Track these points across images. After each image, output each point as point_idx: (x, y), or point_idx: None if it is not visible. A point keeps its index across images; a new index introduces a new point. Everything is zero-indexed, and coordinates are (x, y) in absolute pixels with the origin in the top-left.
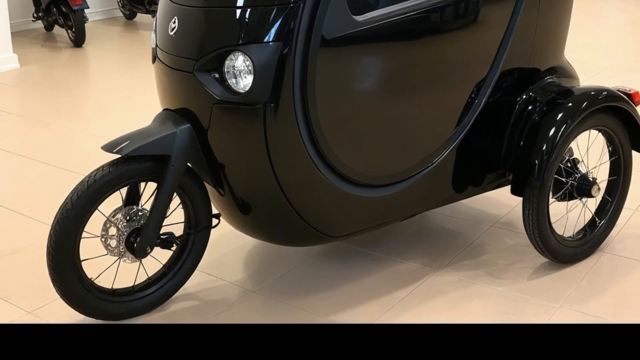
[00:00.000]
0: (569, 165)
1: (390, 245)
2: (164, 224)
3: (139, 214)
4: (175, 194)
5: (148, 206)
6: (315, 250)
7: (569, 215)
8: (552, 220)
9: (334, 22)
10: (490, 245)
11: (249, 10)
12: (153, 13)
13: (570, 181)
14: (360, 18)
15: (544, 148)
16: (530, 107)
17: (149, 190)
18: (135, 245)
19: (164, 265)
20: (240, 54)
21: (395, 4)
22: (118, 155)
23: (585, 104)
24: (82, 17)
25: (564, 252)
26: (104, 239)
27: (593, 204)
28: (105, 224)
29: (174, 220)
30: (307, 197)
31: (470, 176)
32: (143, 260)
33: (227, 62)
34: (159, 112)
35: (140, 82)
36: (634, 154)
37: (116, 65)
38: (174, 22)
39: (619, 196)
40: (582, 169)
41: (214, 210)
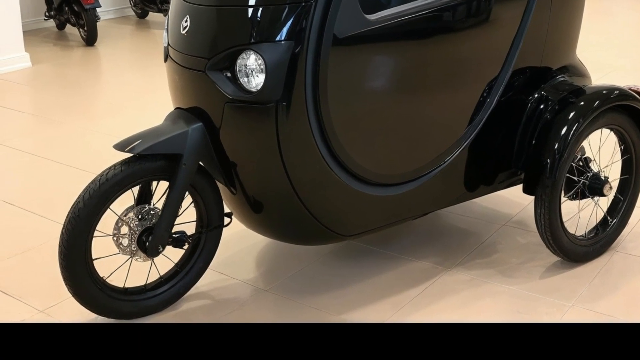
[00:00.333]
0: (580, 164)
1: (402, 244)
2: (175, 223)
3: (151, 212)
4: (187, 192)
5: (160, 205)
6: (327, 249)
7: (580, 214)
8: (564, 219)
9: (345, 21)
10: (502, 244)
11: (261, 9)
12: (165, 12)
13: (582, 180)
14: (372, 17)
15: (556, 147)
16: (542, 106)
17: (161, 189)
18: (147, 244)
19: (176, 264)
20: (252, 52)
21: (407, 2)
22: (130, 154)
23: (597, 102)
24: (94, 16)
25: (575, 251)
26: (115, 238)
27: (605, 202)
28: (117, 223)
29: (186, 219)
30: (319, 196)
31: (482, 175)
32: (155, 259)
33: (239, 61)
34: (171, 111)
35: (152, 81)
36: None
37: (128, 64)
38: (186, 21)
39: (631, 195)
40: (594, 167)
41: (226, 209)
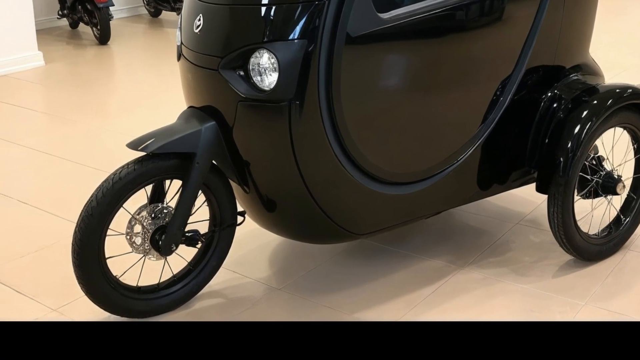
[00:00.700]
0: (594, 162)
1: (415, 243)
2: (189, 222)
3: (164, 211)
4: (200, 191)
5: (173, 204)
6: (341, 247)
7: (594, 213)
8: (577, 217)
9: (359, 20)
10: (515, 243)
11: (274, 7)
12: (178, 11)
13: (595, 179)
14: (385, 15)
15: (569, 145)
16: (555, 105)
17: (174, 187)
18: (160, 242)
19: (189, 263)
20: (265, 51)
21: (420, 1)
22: (143, 153)
23: (610, 101)
24: (107, 15)
25: (589, 250)
26: (129, 237)
27: (618, 201)
28: (130, 222)
29: (199, 218)
30: (333, 195)
31: (495, 174)
32: (168, 257)
33: (252, 60)
34: (184, 110)
35: (165, 80)
36: None
37: (141, 63)
38: (199, 20)
39: None
40: (607, 166)
41: (239, 208)
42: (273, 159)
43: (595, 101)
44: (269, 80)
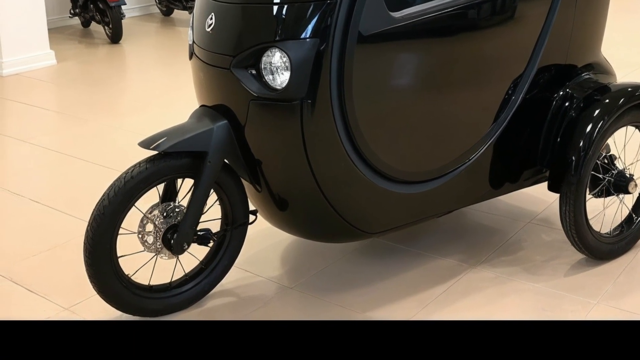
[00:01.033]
0: (605, 161)
1: (427, 242)
2: (201, 221)
3: (176, 210)
4: (212, 190)
5: (185, 203)
6: (352, 246)
7: (605, 212)
8: (589, 216)
9: (370, 19)
10: (527, 242)
11: (286, 6)
12: (190, 9)
13: (607, 177)
14: (397, 14)
15: (581, 144)
16: (567, 104)
17: (186, 186)
18: (172, 241)
19: (201, 262)
20: (277, 50)
21: (432, 0)
22: (155, 152)
23: (622, 100)
24: (119, 14)
25: (600, 249)
26: (140, 236)
27: (630, 200)
28: (142, 221)
29: (211, 217)
30: (344, 194)
31: (507, 172)
32: (180, 256)
33: (264, 59)
34: (196, 109)
35: (177, 79)
36: None
37: (153, 62)
38: (211, 19)
39: None
40: (619, 165)
41: (251, 207)
42: (285, 158)
43: (607, 100)
44: (281, 79)
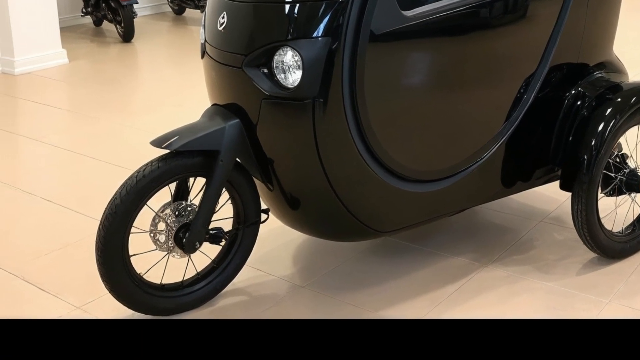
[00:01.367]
0: (617, 160)
1: (439, 241)
2: (212, 219)
3: (188, 209)
4: (224, 189)
5: (197, 201)
6: (364, 245)
7: (617, 211)
8: (601, 215)
9: (382, 18)
10: (539, 241)
11: (297, 5)
12: (202, 8)
13: (619, 176)
14: (409, 13)
15: (593, 143)
16: (579, 102)
17: (197, 185)
18: (184, 240)
19: (213, 261)
20: (289, 49)
21: None
22: (167, 151)
23: (634, 99)
24: (131, 13)
25: (612, 247)
26: (152, 234)
27: None
28: (154, 219)
29: (223, 216)
30: (356, 193)
31: (519, 171)
32: (192, 255)
33: (276, 57)
34: (208, 107)
35: (189, 78)
36: None
37: (165, 61)
38: (223, 18)
39: None
40: (631, 164)
41: (263, 206)
42: (297, 157)
43: (619, 99)
44: (293, 77)
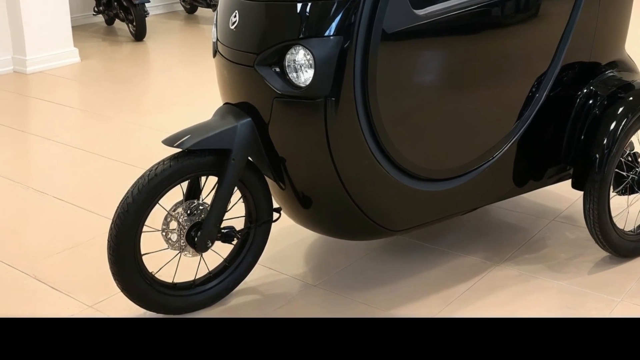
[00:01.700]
0: (629, 159)
1: (450, 239)
2: (224, 218)
3: (200, 208)
4: (236, 188)
5: (209, 200)
6: (376, 244)
7: (629, 209)
8: (613, 214)
9: (394, 16)
10: (551, 239)
11: (309, 4)
12: (214, 7)
13: (631, 175)
14: (420, 12)
15: (605, 142)
16: (591, 101)
17: (209, 184)
18: (196, 239)
19: (225, 260)
20: (301, 48)
21: None
22: (179, 150)
23: None
24: (143, 11)
25: (624, 246)
26: (164, 233)
27: None
28: (166, 218)
29: (235, 214)
30: (368, 191)
31: (531, 170)
32: (204, 254)
33: (288, 56)
34: (220, 106)
35: (201, 76)
36: None
37: (177, 60)
38: (235, 16)
39: None
40: None
41: (275, 204)
42: (309, 156)
43: (631, 97)
44: (305, 76)
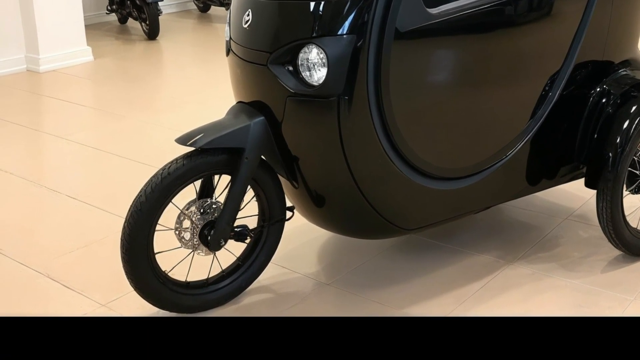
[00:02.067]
0: None
1: (464, 238)
2: (237, 217)
3: (213, 206)
4: (249, 186)
5: (222, 199)
6: (389, 242)
7: None
8: (626, 212)
9: (407, 15)
10: (564, 238)
11: (323, 2)
12: (227, 6)
13: None
14: (434, 11)
15: (618, 141)
16: (604, 100)
17: (223, 182)
18: (209, 238)
19: (238, 258)
20: (314, 46)
21: None
22: (192, 148)
23: None
24: (156, 10)
25: (637, 245)
26: (177, 232)
27: None
28: (179, 217)
29: (248, 213)
30: (381, 190)
31: (544, 169)
32: (217, 253)
33: (301, 55)
34: (233, 105)
35: (214, 75)
36: None
37: (190, 58)
38: (248, 15)
39: None
40: None
41: (288, 203)
42: (322, 154)
43: None
44: (318, 75)
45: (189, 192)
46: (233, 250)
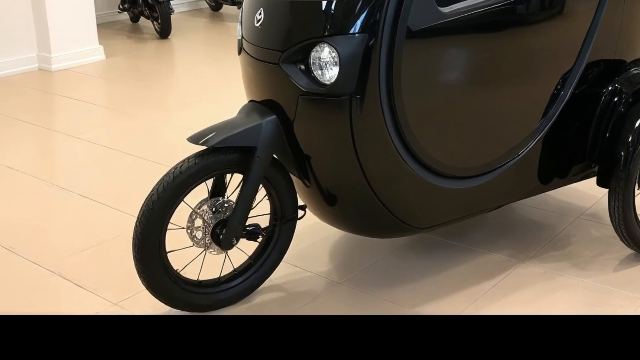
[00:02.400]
0: None
1: (475, 237)
2: (249, 216)
3: (225, 205)
4: (261, 185)
5: (234, 198)
6: (401, 241)
7: None
8: (638, 211)
9: (419, 14)
10: (576, 237)
11: (334, 1)
12: (239, 5)
13: None
14: (445, 9)
15: (630, 139)
16: (616, 99)
17: (234, 181)
18: (221, 236)
19: (250, 257)
20: (326, 45)
21: None
22: (204, 147)
23: None
24: (168, 9)
25: None
26: (189, 231)
27: None
28: (191, 216)
29: (260, 212)
30: (393, 189)
31: (556, 168)
32: (229, 252)
33: (313, 54)
34: (245, 104)
35: (226, 74)
36: None
37: (202, 57)
38: (260, 14)
39: None
40: None
41: (300, 202)
42: (334, 153)
43: None
44: (330, 74)
45: (201, 191)
46: (245, 249)
